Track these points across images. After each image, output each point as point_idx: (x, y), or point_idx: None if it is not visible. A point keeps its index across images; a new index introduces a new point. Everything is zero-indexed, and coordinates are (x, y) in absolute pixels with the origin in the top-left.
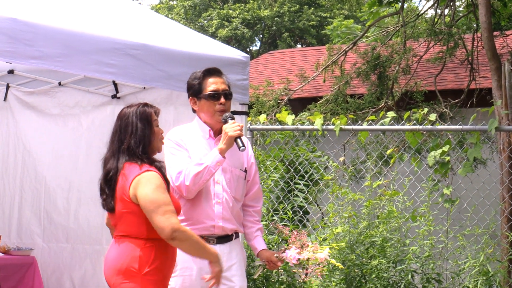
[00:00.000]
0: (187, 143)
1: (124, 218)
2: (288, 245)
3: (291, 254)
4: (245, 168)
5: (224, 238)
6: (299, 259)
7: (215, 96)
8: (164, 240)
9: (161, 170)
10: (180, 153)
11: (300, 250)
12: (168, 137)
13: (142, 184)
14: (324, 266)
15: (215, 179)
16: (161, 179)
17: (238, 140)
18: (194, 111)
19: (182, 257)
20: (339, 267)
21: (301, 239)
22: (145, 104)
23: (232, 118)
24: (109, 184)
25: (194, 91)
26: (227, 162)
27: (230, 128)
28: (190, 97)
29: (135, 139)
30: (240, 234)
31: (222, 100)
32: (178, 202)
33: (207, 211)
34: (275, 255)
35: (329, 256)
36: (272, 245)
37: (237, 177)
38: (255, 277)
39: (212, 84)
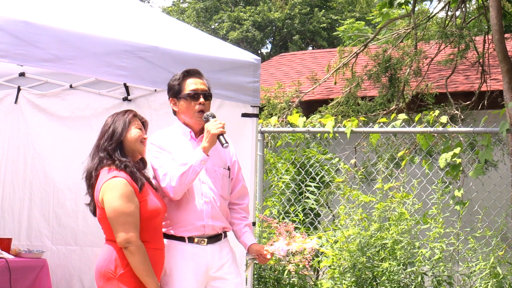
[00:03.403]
0: (169, 146)
1: (101, 223)
2: (276, 236)
3: (279, 246)
4: (228, 166)
5: (214, 238)
6: (287, 250)
7: (194, 96)
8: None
9: (133, 175)
10: (163, 155)
11: (289, 242)
12: (151, 142)
13: (108, 191)
14: (312, 257)
15: (201, 179)
16: (129, 186)
17: (221, 137)
18: (174, 113)
19: (173, 258)
20: (327, 253)
21: (289, 230)
22: (126, 111)
23: (214, 117)
24: (89, 188)
25: (174, 92)
26: (210, 161)
27: (213, 126)
28: (170, 98)
29: (108, 140)
30: (228, 233)
31: (201, 100)
32: (163, 201)
33: (196, 211)
34: (264, 248)
35: (317, 245)
36: None
37: (222, 175)
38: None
39: (191, 85)
